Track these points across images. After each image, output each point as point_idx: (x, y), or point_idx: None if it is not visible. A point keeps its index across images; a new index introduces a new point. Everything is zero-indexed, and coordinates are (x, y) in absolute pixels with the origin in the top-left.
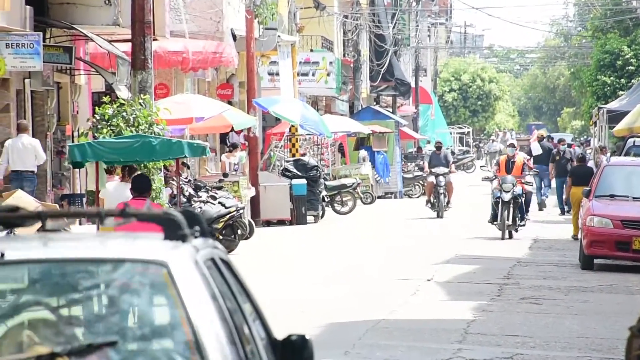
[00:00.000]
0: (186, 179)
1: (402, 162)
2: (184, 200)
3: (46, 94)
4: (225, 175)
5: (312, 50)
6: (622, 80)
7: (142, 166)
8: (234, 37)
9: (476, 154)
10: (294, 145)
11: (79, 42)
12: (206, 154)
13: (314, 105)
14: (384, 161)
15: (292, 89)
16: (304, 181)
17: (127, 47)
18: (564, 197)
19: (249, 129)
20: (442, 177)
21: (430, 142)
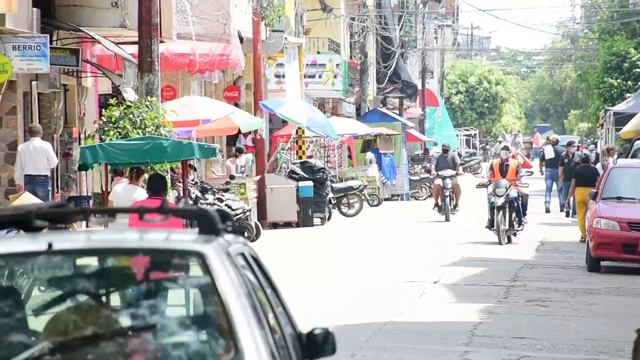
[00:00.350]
0: (193, 181)
1: (409, 165)
2: (191, 202)
3: (53, 96)
4: (231, 177)
5: (318, 52)
6: (628, 82)
7: (149, 168)
8: (241, 39)
9: (483, 156)
10: (300, 147)
11: (86, 45)
12: (216, 156)
13: (321, 107)
14: (390, 163)
15: (299, 91)
16: (310, 183)
17: (134, 49)
18: (567, 198)
19: (256, 131)
20: (449, 180)
21: (437, 144)
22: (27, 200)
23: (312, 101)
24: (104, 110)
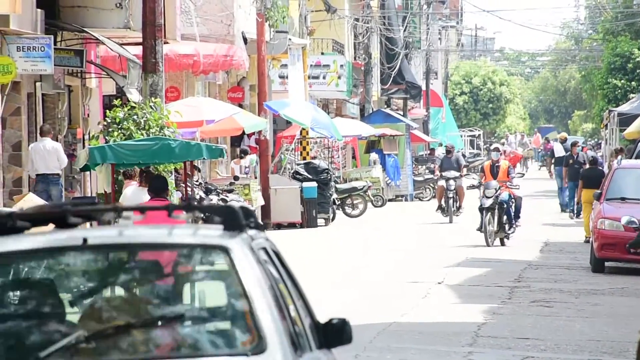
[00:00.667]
0: (197, 182)
1: (413, 165)
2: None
3: (57, 97)
4: (236, 178)
5: (322, 53)
6: (632, 83)
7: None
8: (245, 40)
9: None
10: (304, 148)
11: (90, 45)
12: (223, 156)
13: (325, 108)
14: (394, 164)
15: (303, 92)
16: (314, 184)
17: (138, 50)
18: (575, 200)
19: (260, 132)
20: (452, 181)
21: (442, 145)
22: (31, 201)
23: (316, 102)
24: (108, 111)
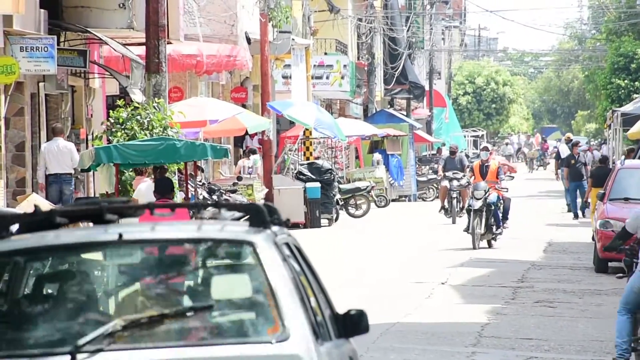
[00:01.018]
0: (200, 182)
1: (416, 165)
2: None
3: (60, 97)
4: (239, 178)
5: (326, 53)
6: (636, 83)
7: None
8: (248, 40)
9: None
10: (308, 148)
11: (94, 46)
12: (228, 157)
13: (328, 108)
14: (398, 164)
15: (306, 92)
16: (318, 184)
17: (142, 50)
18: (584, 199)
19: (263, 132)
20: (455, 182)
21: (445, 145)
22: (35, 201)
23: (319, 102)
24: (111, 111)
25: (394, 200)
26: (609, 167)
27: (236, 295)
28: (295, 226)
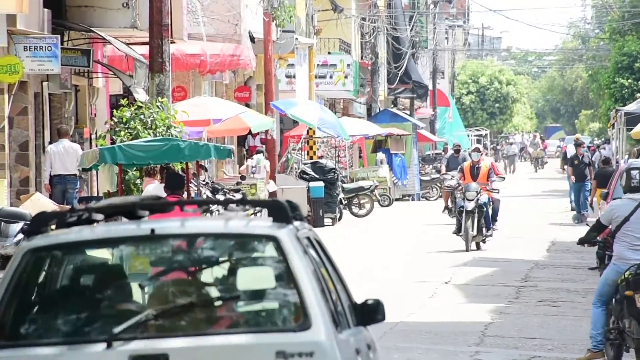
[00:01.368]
0: (204, 181)
1: (420, 165)
2: None
3: (64, 96)
4: (242, 177)
5: (329, 52)
6: (639, 82)
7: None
8: (252, 39)
9: (494, 156)
10: (311, 147)
11: (97, 45)
12: (231, 157)
13: (332, 107)
14: (401, 164)
15: (309, 91)
16: (321, 184)
17: (145, 49)
18: (589, 202)
19: (267, 132)
20: (447, 182)
21: (448, 145)
22: (38, 200)
23: (322, 101)
24: (114, 110)
25: (397, 199)
26: (612, 167)
27: (261, 286)
28: None
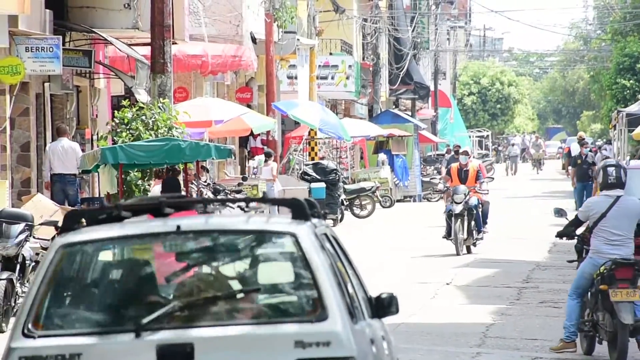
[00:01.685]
0: (205, 182)
1: (421, 166)
2: None
3: (65, 97)
4: (244, 178)
5: (331, 53)
6: None
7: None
8: (254, 40)
9: (495, 157)
10: (313, 148)
11: (99, 46)
12: (231, 157)
13: (333, 108)
14: (403, 165)
15: (311, 92)
16: (323, 185)
17: (147, 50)
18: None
19: (268, 133)
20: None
21: (450, 146)
22: (40, 201)
23: (324, 102)
24: (116, 111)
25: (398, 200)
26: None
27: (280, 280)
28: None
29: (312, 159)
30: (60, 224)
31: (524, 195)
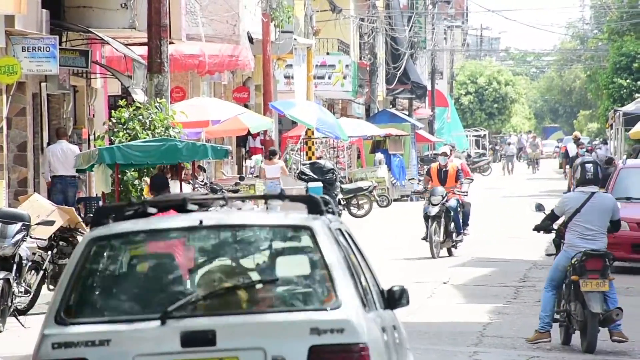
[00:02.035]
0: (202, 182)
1: (418, 165)
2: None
3: (62, 97)
4: (241, 178)
5: (328, 53)
6: (638, 82)
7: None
8: (250, 40)
9: (492, 156)
10: (310, 148)
11: (95, 46)
12: (228, 157)
13: (330, 108)
14: (400, 164)
15: (308, 92)
16: (320, 184)
17: (144, 50)
18: None
19: (265, 132)
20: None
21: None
22: (36, 201)
23: (321, 102)
24: (113, 111)
25: (395, 200)
26: (615, 168)
27: (297, 271)
28: None
29: (310, 159)
30: (56, 224)
31: (521, 194)
